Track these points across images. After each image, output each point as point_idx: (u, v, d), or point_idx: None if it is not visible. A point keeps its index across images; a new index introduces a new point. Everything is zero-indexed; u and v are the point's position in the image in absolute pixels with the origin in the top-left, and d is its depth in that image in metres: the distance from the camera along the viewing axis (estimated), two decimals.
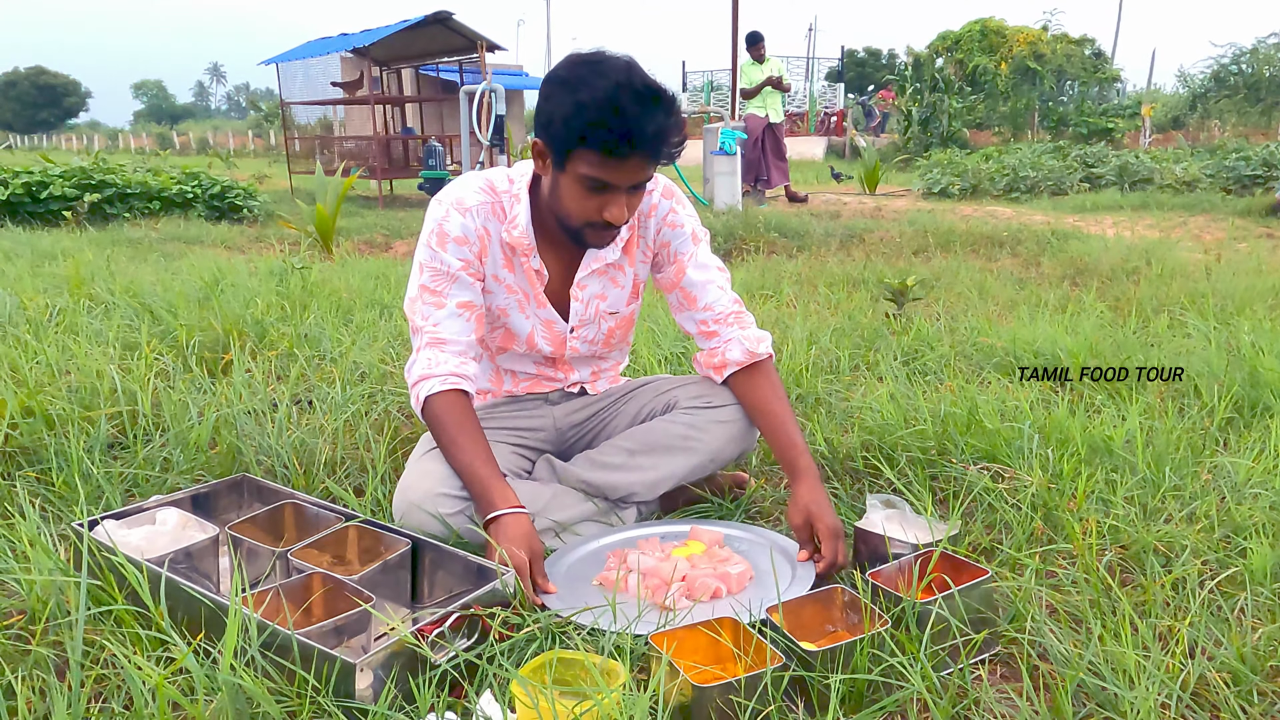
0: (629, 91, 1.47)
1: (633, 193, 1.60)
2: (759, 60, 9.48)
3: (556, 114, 1.51)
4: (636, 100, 1.47)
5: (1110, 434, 2.03)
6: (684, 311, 1.88)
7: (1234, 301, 3.65)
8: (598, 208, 1.58)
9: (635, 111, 1.47)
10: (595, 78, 1.48)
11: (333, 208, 6.21)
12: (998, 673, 1.34)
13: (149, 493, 1.84)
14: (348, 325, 3.24)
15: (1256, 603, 1.44)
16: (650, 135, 1.49)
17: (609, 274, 1.82)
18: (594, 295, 1.82)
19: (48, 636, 1.33)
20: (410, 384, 1.68)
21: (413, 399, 1.68)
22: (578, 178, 1.55)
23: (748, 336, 1.83)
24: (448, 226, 1.69)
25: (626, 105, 1.46)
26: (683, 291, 1.85)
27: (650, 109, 1.48)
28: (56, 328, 2.99)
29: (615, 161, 1.51)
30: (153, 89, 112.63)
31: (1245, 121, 17.89)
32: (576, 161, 1.53)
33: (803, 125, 22.19)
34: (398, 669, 1.20)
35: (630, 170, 1.54)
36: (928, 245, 5.93)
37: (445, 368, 1.66)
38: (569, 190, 1.59)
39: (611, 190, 1.56)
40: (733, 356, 1.83)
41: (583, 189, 1.57)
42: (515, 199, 1.72)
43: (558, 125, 1.51)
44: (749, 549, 1.66)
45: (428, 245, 1.70)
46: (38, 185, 7.44)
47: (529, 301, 1.79)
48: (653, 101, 1.49)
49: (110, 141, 39.93)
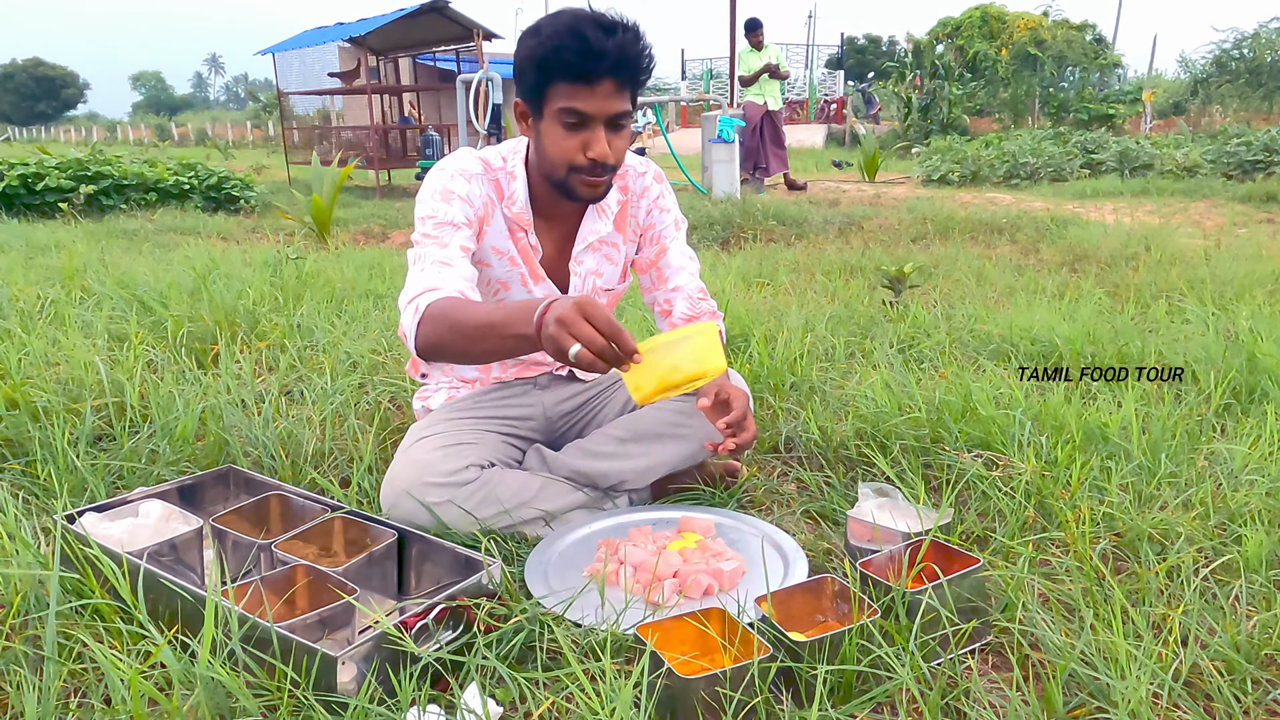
0: (589, 19, 1.52)
1: (613, 130, 1.59)
2: (757, 47, 9.42)
3: (526, 57, 1.55)
4: (598, 25, 1.52)
5: (1105, 421, 2.01)
6: (653, 291, 1.92)
7: (1233, 287, 3.63)
8: (579, 146, 1.58)
9: (598, 34, 1.50)
10: (555, 18, 1.54)
11: (329, 198, 6.18)
12: (989, 663, 1.32)
13: (135, 485, 1.82)
14: (340, 316, 3.22)
15: (1251, 590, 1.42)
16: (615, 54, 1.51)
17: (603, 250, 1.83)
18: (590, 271, 1.83)
19: (25, 631, 1.31)
20: (408, 299, 1.53)
21: (409, 314, 1.51)
22: (555, 116, 1.57)
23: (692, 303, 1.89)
24: (453, 186, 1.68)
25: (588, 30, 1.50)
26: (658, 271, 1.89)
27: (612, 32, 1.52)
28: (45, 319, 2.98)
29: (586, 87, 1.53)
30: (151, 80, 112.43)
31: (1246, 106, 17.80)
32: (551, 98, 1.56)
33: (802, 113, 22.11)
34: (380, 662, 1.19)
35: (603, 96, 1.55)
36: (926, 232, 5.90)
37: (451, 285, 1.54)
38: (550, 135, 1.59)
39: (590, 124, 1.57)
40: (679, 312, 1.87)
41: (562, 129, 1.57)
42: (511, 176, 1.73)
43: (528, 67, 1.55)
44: (740, 538, 1.65)
45: (431, 201, 1.67)
46: (33, 177, 7.41)
47: (529, 275, 1.79)
48: (615, 27, 1.52)
49: (109, 133, 39.89)
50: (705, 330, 1.35)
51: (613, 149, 1.60)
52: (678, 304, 1.88)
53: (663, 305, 1.91)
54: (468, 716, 1.13)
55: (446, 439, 1.71)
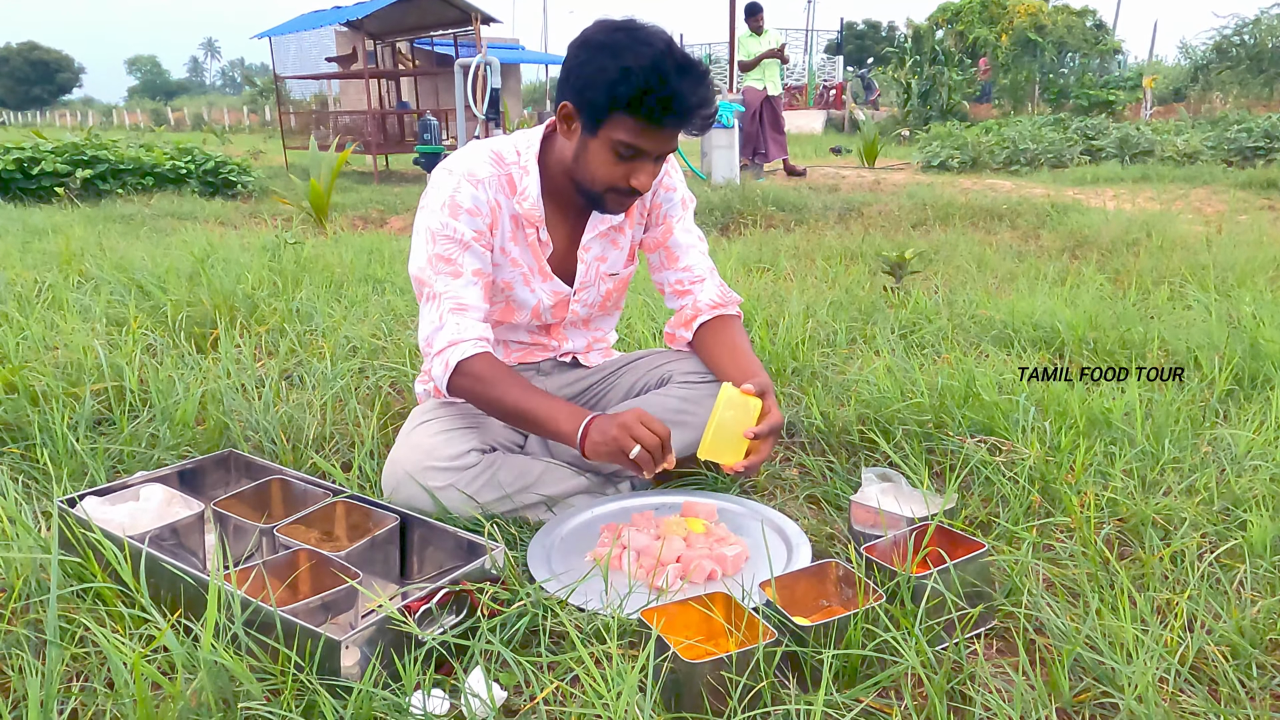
0: (672, 61, 1.49)
1: (657, 161, 1.60)
2: (757, 32, 9.36)
3: (598, 78, 1.50)
4: (679, 70, 1.50)
5: (1109, 407, 2.00)
6: (663, 270, 1.90)
7: (1235, 273, 3.62)
8: (625, 174, 1.59)
9: (678, 81, 1.49)
10: (638, 44, 1.50)
11: (327, 183, 6.15)
12: (994, 647, 1.32)
13: (135, 469, 1.82)
14: (340, 300, 3.21)
15: (1256, 576, 1.42)
16: (691, 105, 1.52)
17: (610, 236, 1.82)
18: (595, 258, 1.82)
19: (27, 615, 1.31)
20: (434, 351, 1.63)
21: (439, 365, 1.63)
22: (610, 143, 1.55)
23: (722, 290, 1.88)
24: (459, 197, 1.65)
25: (670, 74, 1.48)
26: (666, 250, 1.88)
27: (691, 79, 1.51)
28: (44, 304, 2.96)
29: (653, 129, 1.53)
30: (146, 65, 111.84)
31: (1247, 93, 17.73)
32: (612, 127, 1.54)
33: (801, 98, 22.01)
34: (384, 646, 1.18)
35: (664, 139, 1.56)
36: (926, 218, 5.88)
37: (472, 332, 1.64)
38: (598, 155, 1.58)
39: (641, 158, 1.57)
40: (705, 299, 1.85)
41: (613, 155, 1.57)
42: (524, 171, 1.70)
43: (598, 89, 1.51)
44: (742, 523, 1.64)
45: (440, 214, 1.66)
46: (29, 161, 7.37)
47: (534, 274, 1.77)
48: (693, 72, 1.51)
49: (104, 118, 39.68)
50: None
51: (653, 177, 1.61)
52: (706, 289, 1.86)
53: (675, 286, 1.88)
54: (472, 700, 1.13)
55: (448, 423, 1.71)
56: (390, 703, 1.11)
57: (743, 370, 1.73)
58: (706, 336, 1.85)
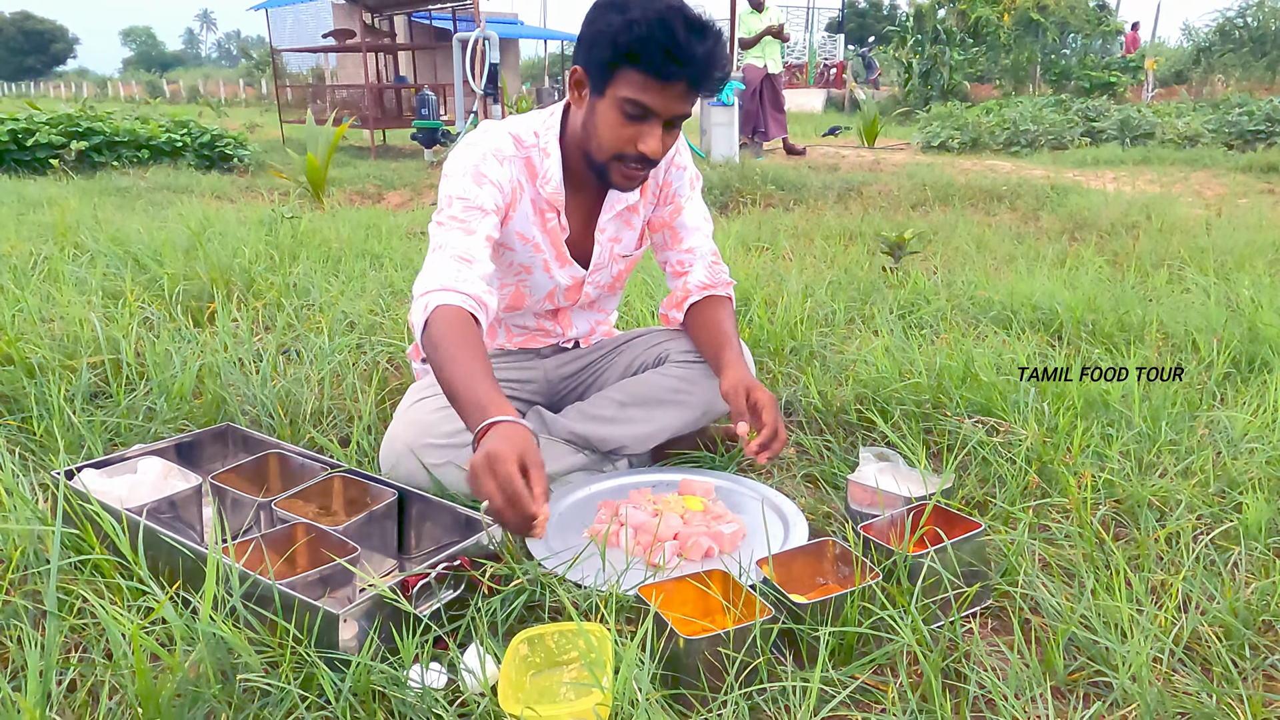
0: (681, 16, 1.46)
1: (668, 129, 1.57)
2: (758, 9, 9.28)
3: (604, 33, 1.48)
4: (688, 25, 1.46)
5: (1107, 389, 2.00)
6: (666, 250, 1.88)
7: (1234, 257, 3.62)
8: (632, 137, 1.54)
9: (686, 35, 1.46)
10: (648, 1, 1.47)
11: (324, 157, 6.11)
12: (989, 626, 1.33)
13: (132, 442, 1.81)
14: (337, 275, 3.19)
15: (1250, 557, 1.43)
16: (699, 60, 1.48)
17: (624, 217, 1.80)
18: (610, 239, 1.80)
19: (25, 586, 1.31)
20: (421, 291, 1.50)
21: (419, 309, 1.48)
22: (617, 102, 1.52)
23: (711, 271, 1.86)
24: (485, 168, 1.62)
25: (678, 27, 1.45)
26: (671, 230, 1.85)
27: (700, 35, 1.47)
28: (39, 276, 2.95)
29: (660, 84, 1.49)
30: (142, 35, 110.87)
31: (1249, 76, 17.67)
32: (619, 83, 1.50)
33: (802, 77, 21.88)
34: (382, 620, 1.18)
35: (672, 97, 1.51)
36: (926, 199, 5.87)
37: (469, 288, 1.50)
38: (605, 117, 1.54)
39: (650, 119, 1.53)
40: (695, 280, 1.84)
41: (621, 115, 1.53)
42: (544, 153, 1.67)
43: (604, 44, 1.48)
44: (740, 501, 1.65)
45: (463, 180, 1.61)
46: (24, 133, 7.31)
47: (553, 260, 1.76)
48: (706, 31, 1.48)
49: (99, 89, 39.37)
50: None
51: (663, 145, 1.57)
52: (695, 271, 1.85)
53: (675, 267, 1.87)
54: (468, 677, 1.13)
55: (446, 400, 1.70)
56: (388, 676, 1.12)
57: (717, 354, 1.73)
58: (694, 318, 1.84)
